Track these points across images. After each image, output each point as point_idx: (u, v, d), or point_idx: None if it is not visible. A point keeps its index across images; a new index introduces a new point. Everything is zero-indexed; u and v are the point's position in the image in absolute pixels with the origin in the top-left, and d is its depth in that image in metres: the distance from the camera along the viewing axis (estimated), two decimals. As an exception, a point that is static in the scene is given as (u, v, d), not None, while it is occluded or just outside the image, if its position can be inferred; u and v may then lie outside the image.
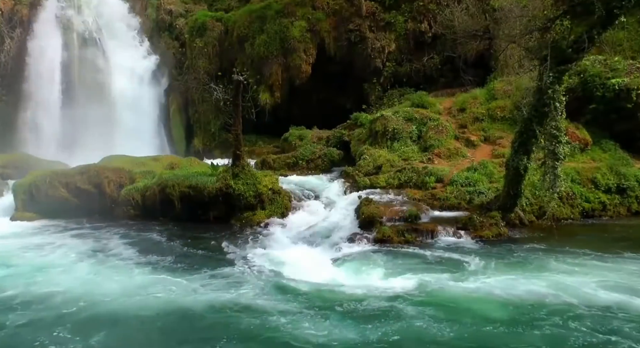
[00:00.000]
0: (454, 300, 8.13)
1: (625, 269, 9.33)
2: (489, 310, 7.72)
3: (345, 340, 6.81)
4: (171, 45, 26.21)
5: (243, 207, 13.93)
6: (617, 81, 15.32)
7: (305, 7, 23.13)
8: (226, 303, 8.11)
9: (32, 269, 10.02)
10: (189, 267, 10.06)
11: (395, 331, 7.06)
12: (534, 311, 7.61)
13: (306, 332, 7.03)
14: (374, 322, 7.33)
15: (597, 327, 7.00)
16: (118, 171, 15.63)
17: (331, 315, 7.57)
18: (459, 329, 7.06)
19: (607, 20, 10.24)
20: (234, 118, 14.39)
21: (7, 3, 25.19)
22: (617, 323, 7.11)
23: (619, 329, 6.93)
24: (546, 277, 8.96)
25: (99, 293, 8.56)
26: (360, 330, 7.08)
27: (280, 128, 21.95)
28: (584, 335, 6.77)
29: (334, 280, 9.16)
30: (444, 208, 13.21)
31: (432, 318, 7.41)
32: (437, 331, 7.02)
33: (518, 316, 7.47)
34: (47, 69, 24.23)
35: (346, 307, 7.88)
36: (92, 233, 13.10)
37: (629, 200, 13.77)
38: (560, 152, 11.01)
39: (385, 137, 17.02)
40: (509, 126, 16.32)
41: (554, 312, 7.54)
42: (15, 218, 14.91)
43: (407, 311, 7.67)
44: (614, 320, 7.21)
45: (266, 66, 23.06)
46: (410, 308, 7.75)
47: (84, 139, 22.34)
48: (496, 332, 7.02)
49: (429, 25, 22.16)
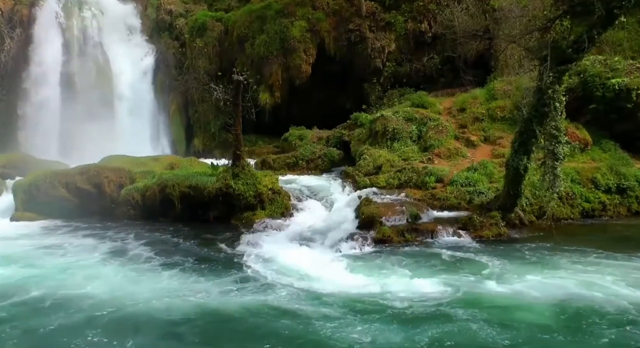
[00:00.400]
0: (492, 302, 7.95)
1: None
2: (535, 313, 7.49)
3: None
4: (171, 45, 26.20)
5: (243, 207, 13.93)
6: (617, 81, 15.31)
7: (305, 7, 23.14)
8: (233, 304, 8.14)
9: (56, 270, 9.99)
10: (200, 268, 10.03)
11: (446, 334, 6.81)
12: (583, 314, 7.35)
13: (340, 335, 6.93)
14: (419, 325, 7.13)
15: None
16: (118, 171, 15.63)
17: (358, 318, 7.44)
18: (512, 334, 6.79)
19: (607, 20, 10.24)
20: (234, 118, 14.38)
21: (7, 3, 25.19)
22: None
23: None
24: (570, 277, 8.88)
25: (124, 296, 8.50)
26: (405, 334, 6.89)
27: (280, 128, 21.95)
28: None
29: (337, 280, 9.16)
30: (444, 208, 13.21)
31: (479, 322, 7.12)
32: (489, 336, 6.77)
33: (570, 320, 7.23)
34: (47, 69, 24.22)
35: (390, 312, 7.70)
36: (102, 234, 13.07)
37: (629, 200, 13.76)
38: (560, 152, 11.01)
39: (385, 137, 17.02)
40: (509, 126, 16.32)
41: (602, 314, 7.32)
42: (15, 218, 14.91)
43: (452, 314, 7.44)
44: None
45: (266, 66, 23.06)
46: (452, 311, 7.52)
47: (84, 139, 22.33)
48: (557, 339, 6.68)
49: (429, 25, 22.17)
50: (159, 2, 26.97)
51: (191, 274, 9.67)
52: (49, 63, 24.22)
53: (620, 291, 8.13)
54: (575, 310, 7.55)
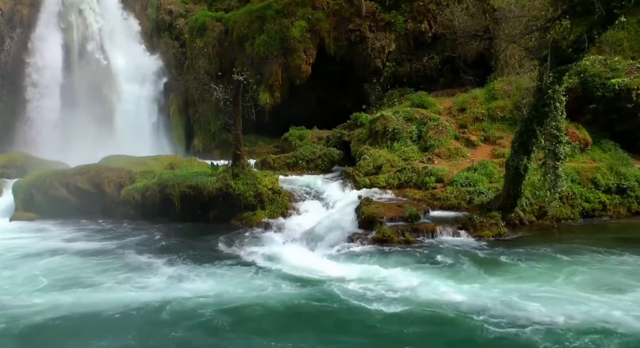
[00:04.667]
0: (492, 302, 7.90)
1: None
2: (535, 313, 7.50)
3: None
4: (171, 45, 26.21)
5: (243, 207, 13.92)
6: (617, 81, 15.31)
7: (305, 7, 23.13)
8: (233, 304, 8.17)
9: (56, 271, 10.00)
10: (200, 269, 10.03)
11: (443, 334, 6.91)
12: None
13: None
14: (420, 326, 7.13)
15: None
16: (118, 171, 15.62)
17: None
18: (512, 335, 6.81)
19: (607, 20, 10.24)
20: (234, 118, 14.39)
21: (7, 3, 25.20)
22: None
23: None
24: (570, 277, 8.91)
25: (122, 296, 8.59)
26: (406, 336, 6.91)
27: (280, 128, 21.94)
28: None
29: (337, 279, 9.15)
30: (444, 208, 13.20)
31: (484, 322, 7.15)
32: (489, 336, 6.86)
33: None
34: (47, 68, 24.24)
35: (391, 312, 7.71)
36: (102, 234, 13.12)
37: (629, 200, 13.74)
38: (561, 152, 11.01)
39: (385, 137, 17.01)
40: (509, 126, 16.31)
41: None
42: (15, 218, 14.91)
43: (453, 314, 7.48)
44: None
45: (266, 66, 23.05)
46: (453, 311, 7.57)
47: (84, 139, 22.32)
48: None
49: (429, 25, 22.16)
50: (159, 2, 26.97)
51: (191, 274, 9.66)
52: (49, 63, 24.24)
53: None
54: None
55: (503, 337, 6.84)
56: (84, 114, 23.28)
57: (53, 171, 16.13)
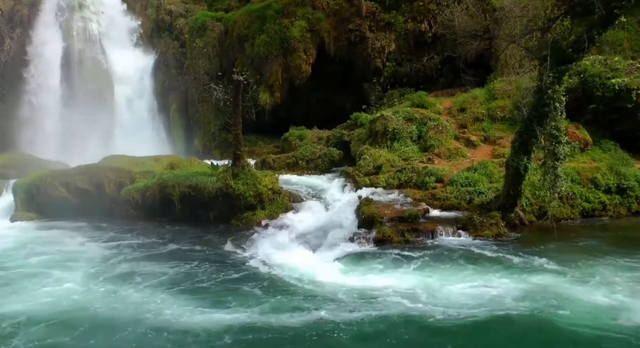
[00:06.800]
0: (493, 301, 7.97)
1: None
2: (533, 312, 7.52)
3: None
4: (171, 45, 26.17)
5: (243, 207, 13.93)
6: (617, 81, 15.30)
7: (305, 7, 23.12)
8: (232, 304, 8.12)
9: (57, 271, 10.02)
10: (200, 269, 10.04)
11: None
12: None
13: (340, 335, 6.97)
14: (422, 325, 7.17)
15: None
16: (118, 171, 15.62)
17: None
18: (513, 334, 6.88)
19: (607, 20, 10.24)
20: (234, 118, 14.39)
21: (7, 3, 25.19)
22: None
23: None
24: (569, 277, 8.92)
25: (120, 297, 8.56)
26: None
27: (280, 128, 21.95)
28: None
29: (336, 279, 9.17)
30: (444, 208, 13.20)
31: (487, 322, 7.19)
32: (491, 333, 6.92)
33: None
34: (47, 68, 24.22)
35: (389, 312, 7.68)
36: (101, 234, 13.12)
37: (629, 200, 13.74)
38: (560, 152, 11.01)
39: (385, 137, 17.02)
40: (509, 126, 16.32)
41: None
42: (16, 218, 14.91)
43: (453, 314, 7.50)
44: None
45: (266, 66, 23.05)
46: (453, 312, 7.57)
47: (84, 139, 22.34)
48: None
49: (429, 25, 22.16)
50: (159, 2, 26.94)
51: (190, 274, 9.66)
52: (49, 63, 24.22)
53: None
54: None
55: (506, 337, 6.85)
56: (84, 114, 23.24)
57: (53, 171, 16.13)
